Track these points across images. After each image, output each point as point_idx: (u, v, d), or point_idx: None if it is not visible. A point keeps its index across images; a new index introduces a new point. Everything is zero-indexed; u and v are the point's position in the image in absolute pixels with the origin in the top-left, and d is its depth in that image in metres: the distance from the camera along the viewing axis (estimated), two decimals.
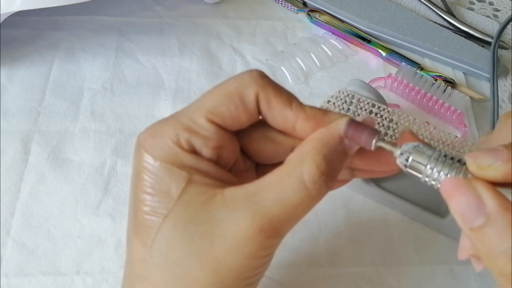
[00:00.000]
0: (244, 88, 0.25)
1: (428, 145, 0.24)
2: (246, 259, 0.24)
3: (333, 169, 0.24)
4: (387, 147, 0.24)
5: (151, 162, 0.25)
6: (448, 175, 0.22)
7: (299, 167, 0.24)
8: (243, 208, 0.23)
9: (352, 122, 0.24)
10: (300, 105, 0.26)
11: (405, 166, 0.24)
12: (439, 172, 0.22)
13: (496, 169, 0.21)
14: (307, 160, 0.24)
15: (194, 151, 0.25)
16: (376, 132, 0.24)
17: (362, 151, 0.25)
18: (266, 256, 0.25)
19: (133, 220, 0.26)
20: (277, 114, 0.25)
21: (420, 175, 0.23)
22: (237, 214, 0.23)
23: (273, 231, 0.24)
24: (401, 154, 0.24)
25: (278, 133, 0.27)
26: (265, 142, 0.27)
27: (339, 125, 0.25)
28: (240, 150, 0.27)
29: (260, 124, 0.27)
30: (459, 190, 0.21)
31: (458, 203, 0.21)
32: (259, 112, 0.26)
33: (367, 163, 0.27)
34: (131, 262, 0.26)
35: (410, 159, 0.23)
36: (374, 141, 0.24)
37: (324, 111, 0.26)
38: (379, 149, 0.25)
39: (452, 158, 0.23)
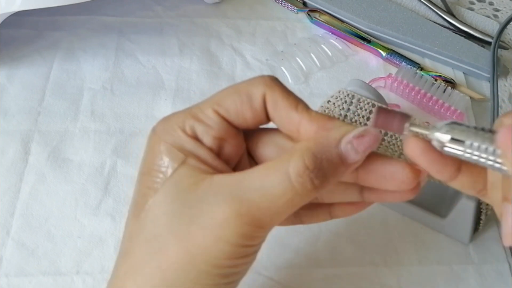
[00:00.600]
0: (252, 87, 0.26)
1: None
2: (220, 242, 0.24)
3: (322, 169, 0.24)
4: (421, 130, 0.24)
5: (157, 143, 0.26)
6: (491, 148, 0.22)
7: (287, 160, 0.24)
8: (226, 193, 0.24)
9: (382, 108, 0.24)
10: (306, 108, 0.26)
11: (443, 146, 0.23)
12: (478, 146, 0.22)
13: None
14: (295, 155, 0.24)
15: (196, 138, 0.26)
16: (408, 117, 0.24)
17: (367, 164, 0.25)
18: (242, 246, 0.24)
19: (133, 199, 0.27)
20: (283, 115, 0.26)
21: (460, 152, 0.22)
22: (219, 197, 0.24)
23: (252, 219, 0.24)
24: (438, 132, 0.23)
25: (286, 139, 0.27)
26: (272, 146, 0.28)
27: (339, 130, 0.25)
28: (248, 153, 0.28)
29: (270, 130, 0.28)
30: None
31: None
32: (267, 114, 0.27)
33: (374, 179, 0.26)
34: (123, 240, 0.27)
35: (448, 137, 0.22)
36: (407, 125, 0.24)
37: (329, 118, 0.26)
38: (385, 163, 0.25)
39: (490, 131, 0.22)
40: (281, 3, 0.55)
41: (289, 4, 0.54)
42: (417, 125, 0.24)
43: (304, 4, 0.55)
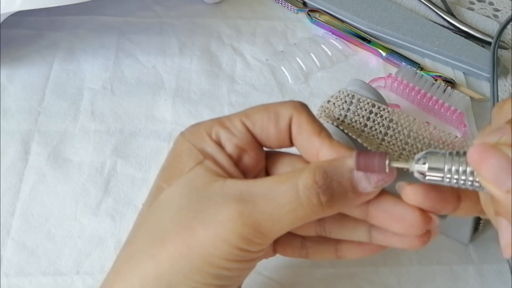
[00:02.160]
0: (281, 107, 0.28)
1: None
2: (218, 239, 0.24)
3: (331, 188, 0.24)
4: (401, 164, 0.24)
5: (181, 143, 0.28)
6: (467, 170, 0.22)
7: (298, 173, 0.25)
8: (234, 194, 0.25)
9: (360, 152, 0.25)
10: (328, 136, 0.27)
11: (424, 176, 0.24)
12: (456, 170, 0.23)
13: (504, 142, 0.21)
14: (307, 169, 0.25)
15: (219, 143, 0.27)
16: (386, 154, 0.24)
17: (378, 200, 0.26)
18: (239, 249, 0.24)
19: (149, 192, 0.28)
20: (305, 139, 0.27)
21: (440, 179, 0.23)
22: (226, 197, 0.25)
23: (253, 221, 0.24)
24: (417, 163, 0.24)
25: (305, 164, 0.27)
26: (290, 168, 0.28)
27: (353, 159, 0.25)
28: (266, 173, 0.29)
29: (290, 154, 0.29)
30: (488, 154, 0.21)
31: (490, 167, 0.21)
32: (291, 138, 0.28)
33: (383, 218, 0.26)
34: (131, 230, 0.28)
35: (427, 167, 0.23)
36: (387, 162, 0.24)
37: (349, 148, 0.26)
38: (396, 203, 0.25)
39: (465, 153, 0.23)
40: (281, 3, 0.55)
41: (289, 4, 0.54)
42: (397, 160, 0.25)
43: (304, 4, 0.55)
